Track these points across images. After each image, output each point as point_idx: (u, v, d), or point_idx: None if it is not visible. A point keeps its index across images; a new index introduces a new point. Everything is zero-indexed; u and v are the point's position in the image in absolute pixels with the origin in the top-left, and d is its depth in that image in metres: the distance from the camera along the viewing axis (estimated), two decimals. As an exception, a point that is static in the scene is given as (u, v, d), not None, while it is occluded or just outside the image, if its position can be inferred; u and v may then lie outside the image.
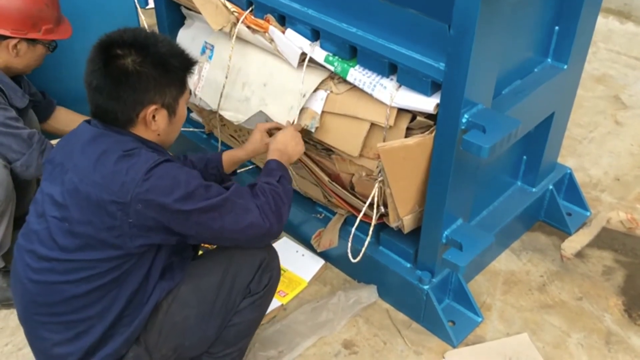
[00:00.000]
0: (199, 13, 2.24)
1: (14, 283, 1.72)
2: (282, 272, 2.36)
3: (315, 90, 2.05)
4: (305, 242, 2.48)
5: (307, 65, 2.05)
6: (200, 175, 1.63)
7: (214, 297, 1.74)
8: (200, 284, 1.74)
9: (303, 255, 2.45)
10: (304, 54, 2.03)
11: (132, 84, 1.57)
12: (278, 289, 2.26)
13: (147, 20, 2.80)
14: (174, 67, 1.64)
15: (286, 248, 2.48)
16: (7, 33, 2.13)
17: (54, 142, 2.13)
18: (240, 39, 2.23)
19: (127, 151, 1.57)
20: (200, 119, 2.70)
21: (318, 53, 2.00)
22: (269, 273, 1.83)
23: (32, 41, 2.20)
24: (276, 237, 1.77)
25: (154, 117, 1.63)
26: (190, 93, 1.85)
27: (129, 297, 1.62)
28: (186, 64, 1.69)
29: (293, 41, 2.04)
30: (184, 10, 2.50)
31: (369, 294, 2.26)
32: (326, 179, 2.19)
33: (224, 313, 1.77)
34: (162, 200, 1.53)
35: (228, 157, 2.05)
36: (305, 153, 2.20)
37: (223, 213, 1.61)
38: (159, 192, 1.53)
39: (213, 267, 1.77)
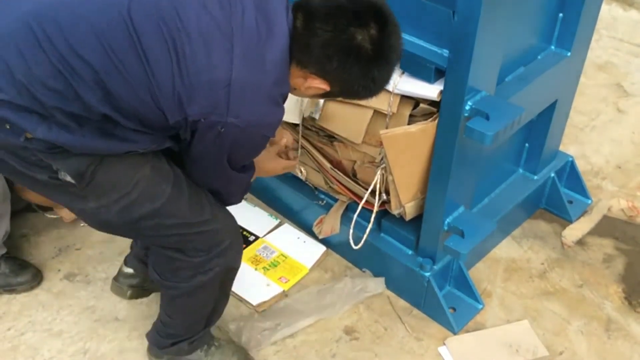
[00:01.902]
0: None
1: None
2: (283, 258, 2.38)
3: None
4: (307, 229, 2.48)
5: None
6: None
7: (172, 213, 1.60)
8: (179, 192, 1.60)
9: (304, 241, 2.45)
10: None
11: (345, 61, 1.44)
12: (280, 275, 2.29)
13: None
14: (369, 91, 1.56)
15: (287, 234, 2.48)
16: None
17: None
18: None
19: (271, 52, 1.42)
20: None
21: None
22: (223, 259, 1.73)
23: None
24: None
25: (308, 87, 1.52)
26: None
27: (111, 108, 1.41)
28: (370, 95, 1.59)
29: None
30: None
31: (376, 284, 2.26)
32: (328, 165, 2.18)
33: (156, 233, 1.64)
34: (228, 144, 1.44)
35: None
36: (307, 139, 2.20)
37: (228, 179, 1.62)
38: (243, 147, 1.49)
39: (194, 192, 1.65)
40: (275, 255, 2.40)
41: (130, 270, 2.13)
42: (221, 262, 1.73)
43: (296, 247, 2.43)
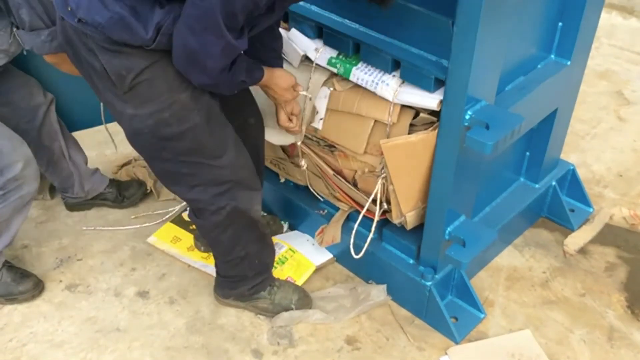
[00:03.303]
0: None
1: None
2: (292, 253, 2.39)
3: (318, 87, 2.06)
4: (309, 239, 2.49)
5: (308, 65, 2.05)
6: None
7: (198, 143, 1.79)
8: (208, 127, 1.78)
9: (313, 244, 2.46)
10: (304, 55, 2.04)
11: None
12: (287, 275, 2.31)
13: None
14: None
15: (298, 236, 2.51)
16: None
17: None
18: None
19: None
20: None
21: (322, 58, 2.00)
22: (229, 200, 1.90)
23: None
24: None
25: None
26: None
27: None
28: None
29: (297, 43, 2.04)
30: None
31: (378, 292, 2.26)
32: (331, 172, 2.19)
33: (177, 162, 1.81)
34: None
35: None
36: (309, 147, 2.20)
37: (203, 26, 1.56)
38: None
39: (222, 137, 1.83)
40: (284, 250, 2.41)
41: None
42: (233, 203, 1.91)
43: (305, 247, 2.45)
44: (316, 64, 2.03)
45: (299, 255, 2.40)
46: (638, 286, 2.34)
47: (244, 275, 2.13)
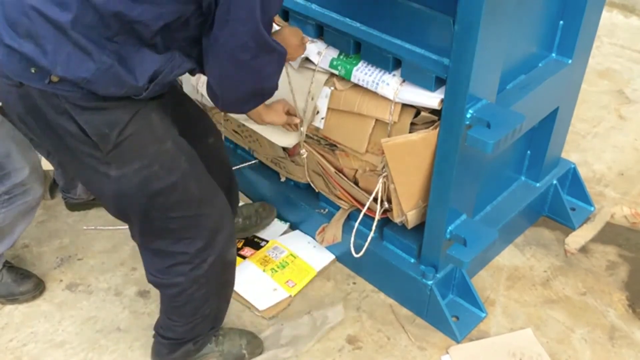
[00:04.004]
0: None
1: None
2: (292, 258, 2.38)
3: (318, 86, 2.05)
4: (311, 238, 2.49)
5: (308, 67, 2.05)
6: None
7: (182, 193, 1.63)
8: (192, 177, 1.64)
9: (314, 246, 2.45)
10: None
11: None
12: (287, 278, 2.29)
13: None
14: None
15: (298, 238, 2.50)
16: None
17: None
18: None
19: None
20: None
21: (324, 61, 2.00)
22: (213, 257, 1.74)
23: None
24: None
25: None
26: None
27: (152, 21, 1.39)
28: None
29: None
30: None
31: (335, 314, 2.21)
32: (332, 169, 2.18)
33: (165, 215, 1.64)
34: None
35: None
36: (311, 146, 2.20)
37: (262, 50, 1.47)
38: None
39: (205, 185, 1.68)
40: (285, 255, 2.40)
41: None
42: (215, 252, 1.74)
43: (306, 250, 2.44)
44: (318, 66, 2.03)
45: (299, 260, 2.39)
46: (639, 285, 2.33)
47: (198, 334, 1.93)
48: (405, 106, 1.90)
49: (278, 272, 2.33)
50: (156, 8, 1.38)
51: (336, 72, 1.98)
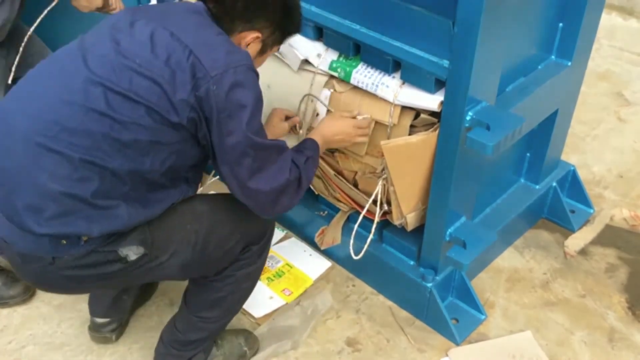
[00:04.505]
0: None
1: (17, 101, 1.54)
2: (288, 268, 2.37)
3: (318, 88, 2.05)
4: (309, 241, 2.48)
5: (308, 69, 2.05)
6: None
7: (223, 229, 1.73)
8: (219, 210, 1.75)
9: (310, 255, 2.45)
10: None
11: (260, 4, 1.63)
12: (283, 287, 2.29)
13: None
14: (294, 18, 1.73)
15: (294, 246, 2.48)
16: None
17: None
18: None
19: (228, 40, 1.59)
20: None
21: (323, 63, 2.00)
22: (265, 251, 1.88)
23: None
24: (272, 215, 1.75)
25: (248, 45, 1.67)
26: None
27: (147, 169, 1.54)
28: (299, 25, 1.77)
29: (299, 49, 2.03)
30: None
31: (323, 300, 2.24)
32: (332, 172, 2.18)
33: (223, 251, 1.74)
34: (237, 100, 1.51)
35: None
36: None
37: (258, 157, 1.60)
38: (243, 92, 1.52)
39: (231, 207, 1.75)
40: (281, 265, 2.39)
41: (105, 320, 2.11)
42: (267, 246, 1.88)
43: (302, 260, 2.43)
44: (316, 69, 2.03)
45: (295, 270, 2.38)
46: (639, 287, 2.33)
47: (218, 331, 1.99)
48: (404, 108, 1.89)
49: (274, 281, 2.33)
50: (161, 154, 1.54)
51: (336, 74, 1.98)
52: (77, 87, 1.48)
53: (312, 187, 2.36)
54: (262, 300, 2.25)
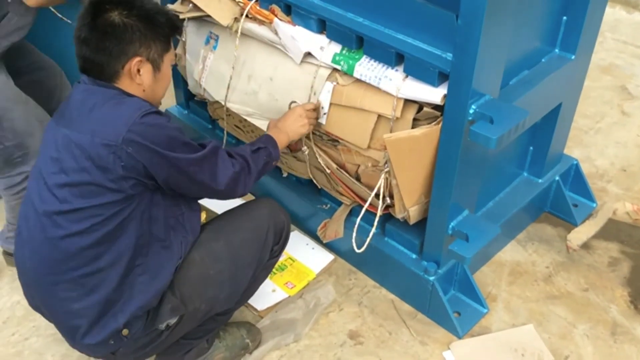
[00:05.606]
0: (203, 13, 2.23)
1: (20, 249, 1.75)
2: (291, 261, 2.38)
3: (321, 81, 2.05)
4: (312, 234, 2.48)
5: (310, 62, 2.04)
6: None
7: (247, 253, 1.86)
8: (232, 239, 1.85)
9: (313, 248, 2.45)
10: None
11: (117, 34, 1.63)
12: (286, 280, 2.30)
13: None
14: (159, 23, 1.70)
15: (296, 240, 2.48)
16: None
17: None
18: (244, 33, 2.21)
19: (118, 100, 1.63)
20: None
21: (326, 56, 2.00)
22: (285, 243, 2.00)
23: None
24: (238, 196, 1.85)
25: (138, 70, 1.67)
26: (176, 55, 1.90)
27: (135, 244, 1.65)
28: (172, 23, 1.75)
29: (301, 41, 2.03)
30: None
31: (326, 293, 2.26)
32: (334, 166, 2.18)
33: (254, 267, 1.88)
34: (153, 147, 1.58)
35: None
36: (313, 142, 2.20)
37: (205, 167, 1.69)
38: (150, 138, 1.58)
39: (242, 225, 1.89)
40: (283, 259, 2.39)
41: None
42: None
43: (304, 253, 2.43)
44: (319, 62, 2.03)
45: (298, 263, 2.39)
46: (641, 281, 2.34)
47: (226, 313, 2.04)
48: (407, 101, 1.89)
49: (277, 275, 2.33)
50: (131, 227, 1.64)
51: (339, 67, 1.98)
52: (38, 225, 1.66)
53: (314, 181, 2.36)
54: (264, 293, 2.26)
